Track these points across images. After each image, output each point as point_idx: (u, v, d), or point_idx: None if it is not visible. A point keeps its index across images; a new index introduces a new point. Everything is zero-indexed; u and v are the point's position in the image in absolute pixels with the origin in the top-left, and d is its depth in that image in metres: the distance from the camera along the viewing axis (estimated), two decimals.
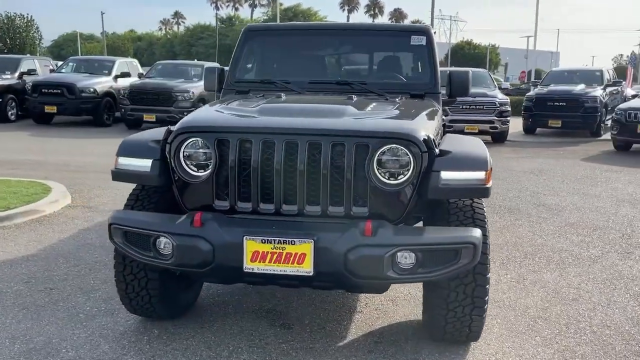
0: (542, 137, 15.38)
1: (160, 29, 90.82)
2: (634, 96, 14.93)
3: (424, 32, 4.47)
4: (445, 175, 2.96)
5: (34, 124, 15.72)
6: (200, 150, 3.10)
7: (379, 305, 3.97)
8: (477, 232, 2.87)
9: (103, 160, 10.17)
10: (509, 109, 14.24)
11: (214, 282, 3.52)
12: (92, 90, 15.68)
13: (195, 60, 32.44)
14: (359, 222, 2.86)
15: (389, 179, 2.95)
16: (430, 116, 3.50)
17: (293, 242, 2.82)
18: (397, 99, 3.92)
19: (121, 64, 17.68)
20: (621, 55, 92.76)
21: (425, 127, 3.13)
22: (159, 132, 3.50)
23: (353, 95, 3.74)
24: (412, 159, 2.93)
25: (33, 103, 15.44)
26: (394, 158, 2.96)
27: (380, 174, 2.95)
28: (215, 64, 18.97)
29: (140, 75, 17.14)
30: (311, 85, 4.29)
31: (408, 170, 2.94)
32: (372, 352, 3.33)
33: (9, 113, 16.14)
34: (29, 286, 4.23)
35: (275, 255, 2.84)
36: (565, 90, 15.73)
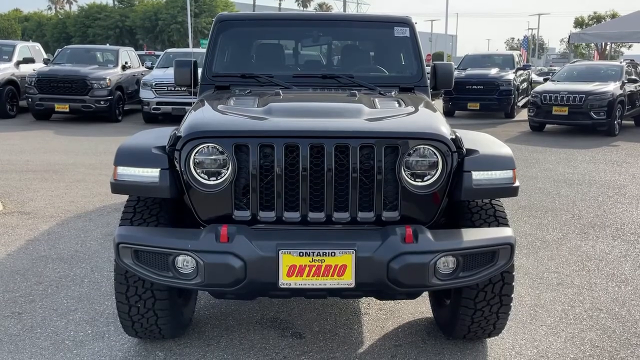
0: (462, 120, 16.01)
1: (50, 8, 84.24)
2: (545, 79, 15.86)
3: (407, 23, 4.39)
4: (477, 175, 2.93)
5: None
6: (213, 157, 2.85)
7: (382, 305, 3.91)
8: (510, 232, 2.86)
9: (18, 157, 9.31)
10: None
11: (234, 298, 3.29)
12: None
13: (95, 43, 30.37)
14: (397, 229, 2.75)
15: (417, 180, 2.87)
16: (438, 112, 3.44)
17: (333, 254, 2.66)
18: (392, 94, 3.83)
19: (22, 48, 16.18)
20: (513, 38, 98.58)
21: (446, 124, 3.07)
22: (156, 136, 3.18)
23: (355, 92, 3.60)
24: (440, 159, 2.86)
25: None
26: (422, 159, 2.87)
27: (407, 175, 2.86)
28: (130, 49, 17.97)
29: (46, 61, 15.78)
30: (296, 79, 4.09)
31: (437, 171, 2.87)
32: (395, 357, 3.26)
33: None
34: None
35: (314, 269, 2.67)
36: (481, 74, 16.47)
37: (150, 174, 2.88)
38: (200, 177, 2.84)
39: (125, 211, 3.11)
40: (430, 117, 3.20)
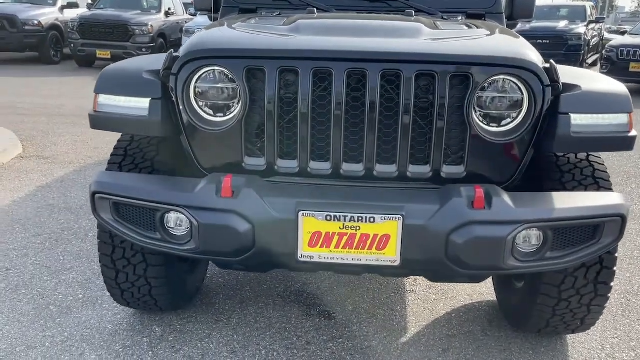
0: None
1: None
2: (622, 32, 14.32)
3: None
4: (578, 119, 2.13)
5: None
6: (219, 86, 2.15)
7: (432, 285, 3.19)
8: (620, 198, 2.07)
9: (54, 101, 8.91)
10: None
11: (243, 270, 2.65)
12: (36, 22, 13.87)
13: None
14: (463, 189, 2.01)
15: (495, 125, 2.10)
16: (523, 39, 2.62)
17: (372, 220, 1.95)
18: (458, 18, 3.01)
19: None
20: None
21: (536, 52, 2.25)
22: (153, 59, 2.50)
23: (412, 11, 2.81)
24: (528, 96, 2.07)
25: None
26: (503, 95, 2.09)
27: (483, 117, 2.09)
28: None
29: (89, 6, 15.34)
30: (337, 1, 3.30)
31: (521, 112, 2.09)
32: (448, 352, 2.56)
33: None
34: None
35: (345, 238, 1.97)
36: (548, 27, 15.00)
37: (138, 104, 2.21)
38: (203, 111, 2.16)
39: (114, 153, 2.48)
40: (512, 41, 2.38)
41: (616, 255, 2.31)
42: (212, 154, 2.22)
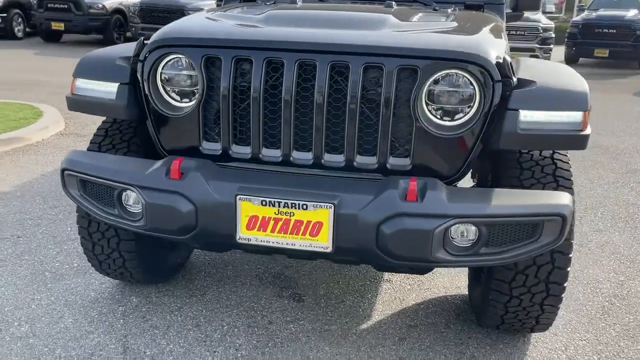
0: (586, 68, 14.00)
1: None
2: None
3: None
4: (527, 116, 2.09)
5: (42, 42, 14.74)
6: (184, 72, 2.27)
7: (410, 275, 3.19)
8: (566, 199, 2.03)
9: None
10: (553, 35, 12.92)
11: (201, 248, 2.79)
12: (100, 6, 14.56)
13: None
14: (401, 181, 2.04)
15: (443, 118, 2.10)
16: (498, 33, 2.57)
17: (305, 207, 2.02)
18: (449, 10, 2.98)
19: None
20: None
21: (496, 46, 2.23)
22: (132, 46, 2.64)
23: (392, 2, 2.81)
24: (479, 91, 2.06)
25: (39, 19, 14.46)
26: (453, 89, 2.09)
27: (431, 111, 2.10)
28: None
29: None
30: None
31: (471, 107, 2.09)
32: (404, 341, 2.60)
33: (16, 30, 15.15)
34: None
35: (280, 223, 2.05)
36: (616, 16, 14.19)
37: (107, 88, 2.37)
38: (170, 97, 2.29)
39: (96, 134, 2.66)
40: (473, 34, 2.36)
41: (570, 255, 2.26)
42: (173, 138, 2.35)
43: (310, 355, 2.47)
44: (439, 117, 2.12)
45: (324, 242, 2.03)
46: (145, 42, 2.36)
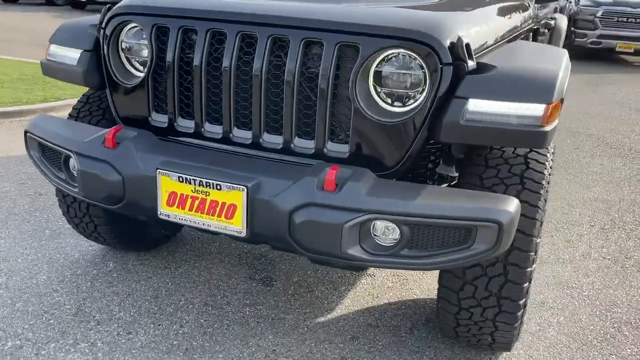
0: (604, 65, 12.23)
1: None
2: None
3: None
4: (476, 105, 1.83)
5: (70, 8, 16.95)
6: (141, 42, 2.25)
7: (397, 272, 2.99)
8: (510, 205, 1.76)
9: None
10: None
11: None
12: None
13: None
14: (325, 169, 1.87)
15: (394, 104, 1.91)
16: (485, 13, 2.27)
17: (219, 187, 1.92)
18: None
19: None
20: None
21: (460, 24, 1.96)
22: None
23: None
24: (427, 74, 1.83)
25: None
26: (400, 71, 1.88)
27: (378, 94, 1.91)
28: None
29: None
30: None
31: (421, 92, 1.86)
32: (355, 340, 2.43)
33: None
34: (20, 188, 3.80)
35: (197, 202, 1.97)
36: None
37: (72, 55, 2.41)
38: (131, 66, 2.29)
39: (79, 100, 2.73)
40: (437, 11, 2.09)
41: (528, 269, 1.97)
42: (126, 107, 2.33)
43: (250, 342, 2.38)
44: (388, 102, 1.92)
45: (238, 226, 1.93)
46: (107, 9, 2.36)
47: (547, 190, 2.07)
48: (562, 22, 5.44)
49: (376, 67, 1.90)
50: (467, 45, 1.87)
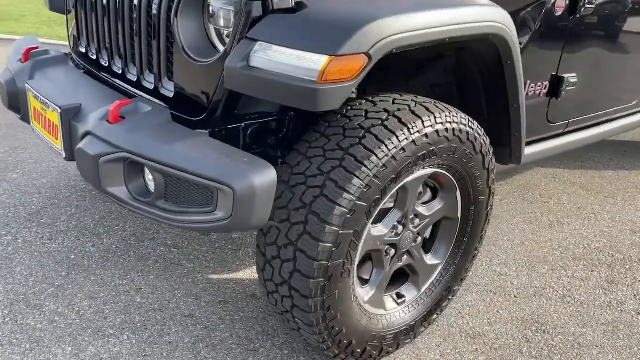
0: None
1: None
2: None
3: None
4: (261, 49, 1.53)
5: None
6: None
7: None
8: (258, 171, 1.45)
9: None
10: None
11: None
12: None
13: None
14: (134, 102, 1.78)
15: (219, 41, 1.72)
16: None
17: (47, 105, 1.95)
18: None
19: None
20: None
21: None
22: None
23: None
24: (233, 10, 1.60)
25: None
26: (224, 7, 1.66)
27: (209, 30, 1.74)
28: None
29: None
30: None
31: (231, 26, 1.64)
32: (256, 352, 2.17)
33: None
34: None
35: (43, 119, 2.04)
36: None
37: None
38: None
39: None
40: None
41: (316, 262, 1.59)
42: (70, 29, 2.46)
43: (129, 275, 2.37)
44: (216, 39, 1.73)
45: (59, 146, 1.95)
46: None
47: (383, 174, 1.60)
48: None
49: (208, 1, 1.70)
50: None
